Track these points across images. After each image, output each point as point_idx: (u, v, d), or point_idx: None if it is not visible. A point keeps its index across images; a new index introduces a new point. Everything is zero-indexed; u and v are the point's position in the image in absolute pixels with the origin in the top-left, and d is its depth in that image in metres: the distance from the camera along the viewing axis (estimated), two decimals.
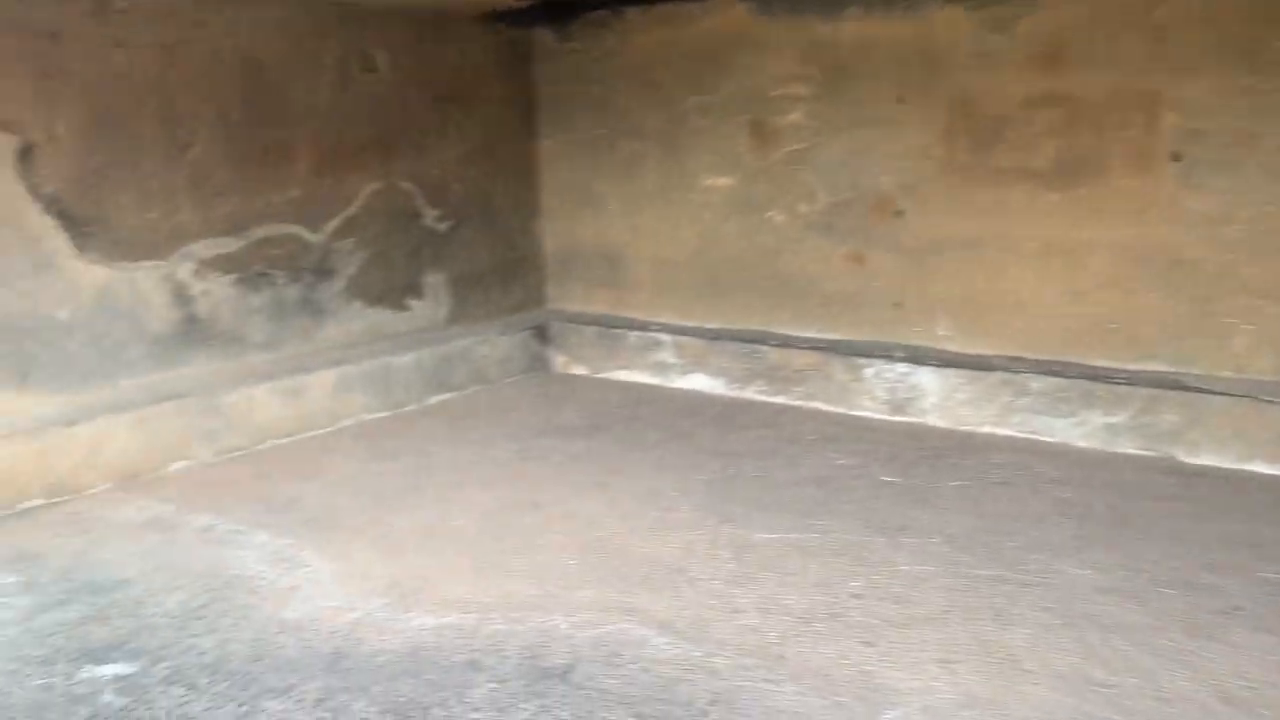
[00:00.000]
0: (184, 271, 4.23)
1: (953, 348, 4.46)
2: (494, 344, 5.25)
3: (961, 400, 4.32)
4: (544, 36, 5.54)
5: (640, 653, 2.47)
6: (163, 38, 4.06)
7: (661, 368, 5.16)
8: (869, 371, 4.54)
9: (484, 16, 5.25)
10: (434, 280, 5.25)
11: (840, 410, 4.57)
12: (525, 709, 2.23)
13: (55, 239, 3.82)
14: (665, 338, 5.14)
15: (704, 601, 2.74)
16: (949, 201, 4.41)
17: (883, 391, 4.51)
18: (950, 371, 4.34)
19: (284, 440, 4.27)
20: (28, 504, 3.50)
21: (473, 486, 3.68)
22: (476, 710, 2.23)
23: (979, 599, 2.72)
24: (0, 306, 3.69)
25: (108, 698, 2.30)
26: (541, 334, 5.49)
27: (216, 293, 4.35)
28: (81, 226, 3.89)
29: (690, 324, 5.19)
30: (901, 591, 2.79)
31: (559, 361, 5.50)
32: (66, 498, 3.59)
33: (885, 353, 4.53)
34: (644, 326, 5.26)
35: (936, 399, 4.38)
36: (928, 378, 4.39)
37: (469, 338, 5.17)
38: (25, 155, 3.71)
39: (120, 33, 3.93)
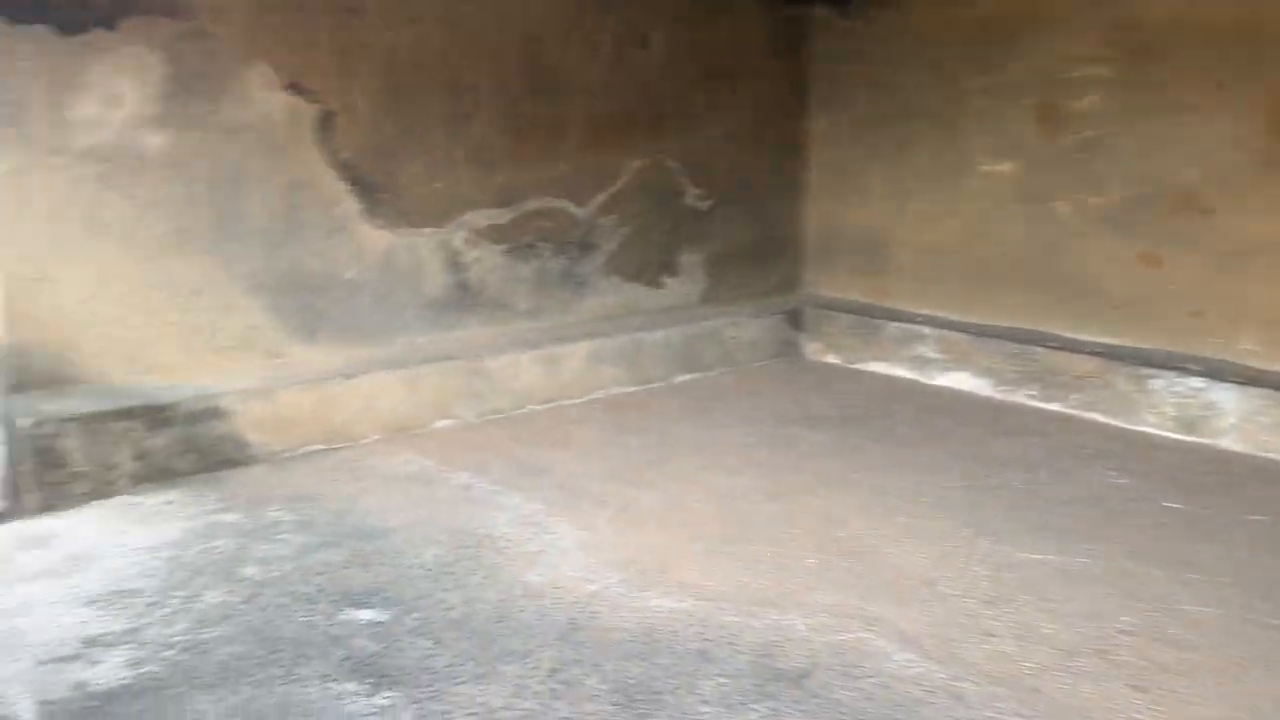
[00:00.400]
0: (459, 240, 4.43)
1: (1259, 364, 3.96)
2: (745, 326, 5.18)
3: (1266, 424, 3.82)
4: (823, 14, 5.38)
5: (880, 666, 2.33)
6: (451, 11, 4.24)
7: (921, 362, 4.91)
8: (1157, 384, 4.11)
9: None
10: (690, 259, 5.25)
11: (1120, 424, 4.17)
12: (756, 710, 2.15)
13: (348, 204, 4.10)
14: (927, 330, 4.88)
15: (953, 620, 2.55)
16: (1267, 200, 3.89)
17: (1171, 407, 4.06)
18: (1254, 391, 3.85)
19: (540, 407, 4.40)
20: (309, 448, 3.79)
21: (715, 470, 3.64)
22: (706, 703, 2.18)
23: None
24: (299, 264, 4.01)
25: (361, 641, 2.43)
26: (795, 319, 5.36)
27: (487, 261, 4.54)
28: (372, 193, 4.15)
29: (956, 317, 4.90)
30: (1181, 635, 2.48)
31: (811, 349, 5.36)
32: (342, 445, 3.86)
33: (1178, 364, 4.08)
34: (905, 317, 5.02)
35: (1235, 420, 3.90)
36: (1226, 395, 3.91)
37: (720, 318, 5.13)
38: (325, 124, 3.99)
39: (414, 8, 4.14)
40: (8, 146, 3.35)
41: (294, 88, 3.90)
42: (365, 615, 2.56)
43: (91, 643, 2.43)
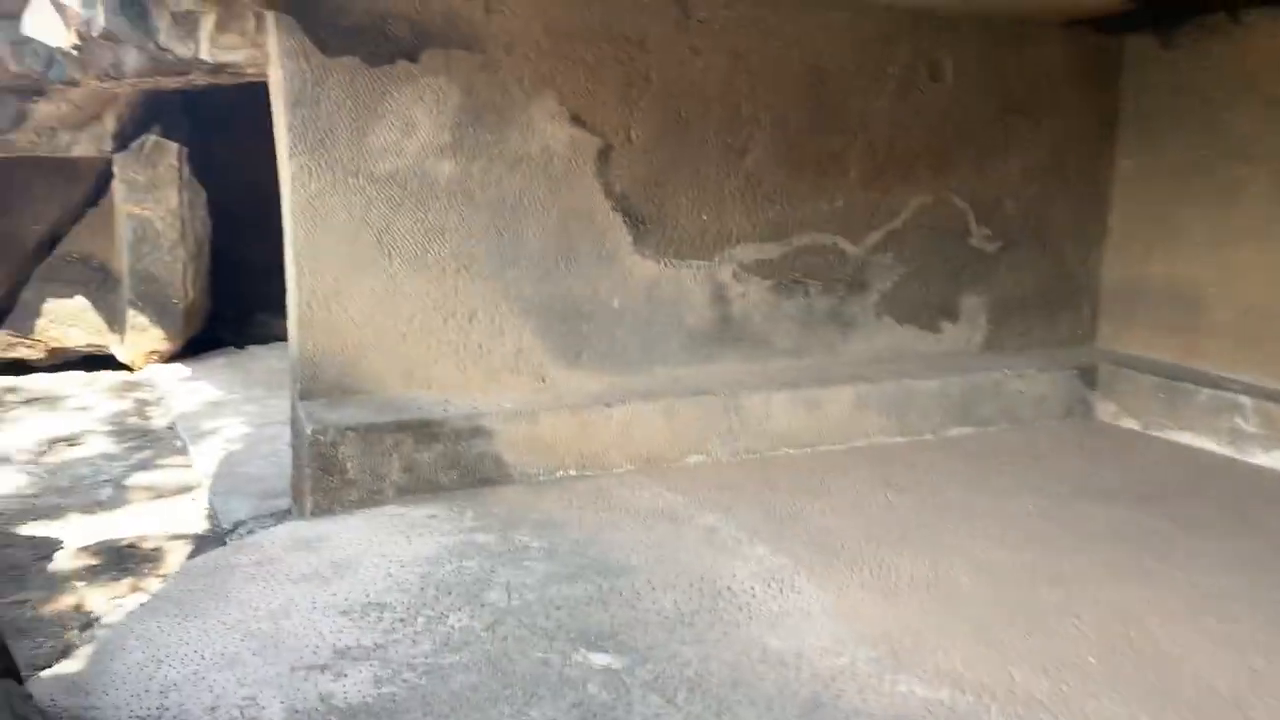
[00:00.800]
0: (725, 273, 4.35)
1: None
2: (1031, 380, 4.75)
3: None
4: (1140, 43, 4.87)
5: None
6: (735, 45, 4.17)
7: (1237, 436, 4.29)
8: None
9: (1069, 22, 4.74)
10: (972, 303, 4.90)
11: None
12: None
13: (619, 234, 4.12)
14: (1246, 400, 4.26)
15: None
16: None
17: None
18: None
19: (796, 451, 4.22)
20: (563, 473, 3.81)
21: (986, 540, 3.31)
22: None
23: None
24: (568, 291, 4.06)
25: (593, 689, 2.35)
26: (1088, 376, 4.86)
27: (752, 296, 4.42)
28: (641, 224, 4.14)
29: None
30: None
31: (1105, 410, 4.84)
32: (594, 473, 3.85)
33: None
34: (1219, 383, 4.42)
35: None
36: None
37: (1002, 370, 4.73)
38: (604, 155, 4.03)
39: (698, 40, 4.10)
40: (316, 169, 3.60)
41: (576, 120, 3.96)
42: (600, 660, 2.48)
43: (342, 654, 2.50)
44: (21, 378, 6.93)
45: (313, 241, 3.64)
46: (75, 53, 4.46)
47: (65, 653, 2.75)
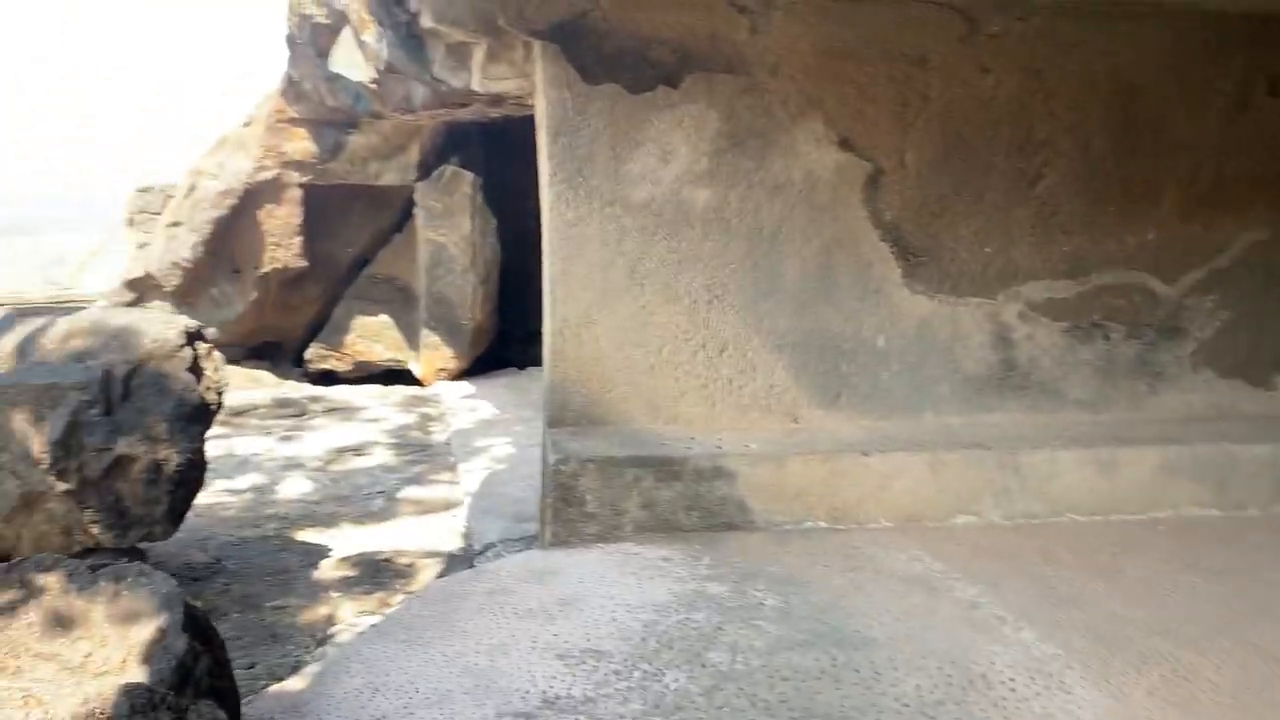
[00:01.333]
0: (1009, 312, 3.91)
1: None
2: None
3: None
4: None
5: None
6: (1031, 61, 3.75)
7: None
8: None
9: None
10: None
11: None
12: None
13: (886, 266, 3.80)
14: None
15: None
16: None
17: None
18: None
19: (1083, 518, 3.69)
20: (810, 524, 3.54)
21: None
22: None
23: None
24: (827, 326, 3.80)
25: None
26: None
27: (1041, 339, 3.95)
28: (913, 256, 3.81)
29: None
30: None
31: None
32: (846, 527, 3.55)
33: None
34: None
35: None
36: None
37: None
38: (873, 181, 3.74)
39: (987, 57, 3.72)
40: (574, 198, 3.58)
41: (845, 144, 3.70)
42: None
43: (550, 703, 2.38)
44: (328, 388, 7.56)
45: (567, 270, 3.62)
46: (374, 87, 4.76)
47: (296, 668, 2.84)
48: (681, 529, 3.47)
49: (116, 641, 1.81)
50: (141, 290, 8.10)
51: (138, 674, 1.76)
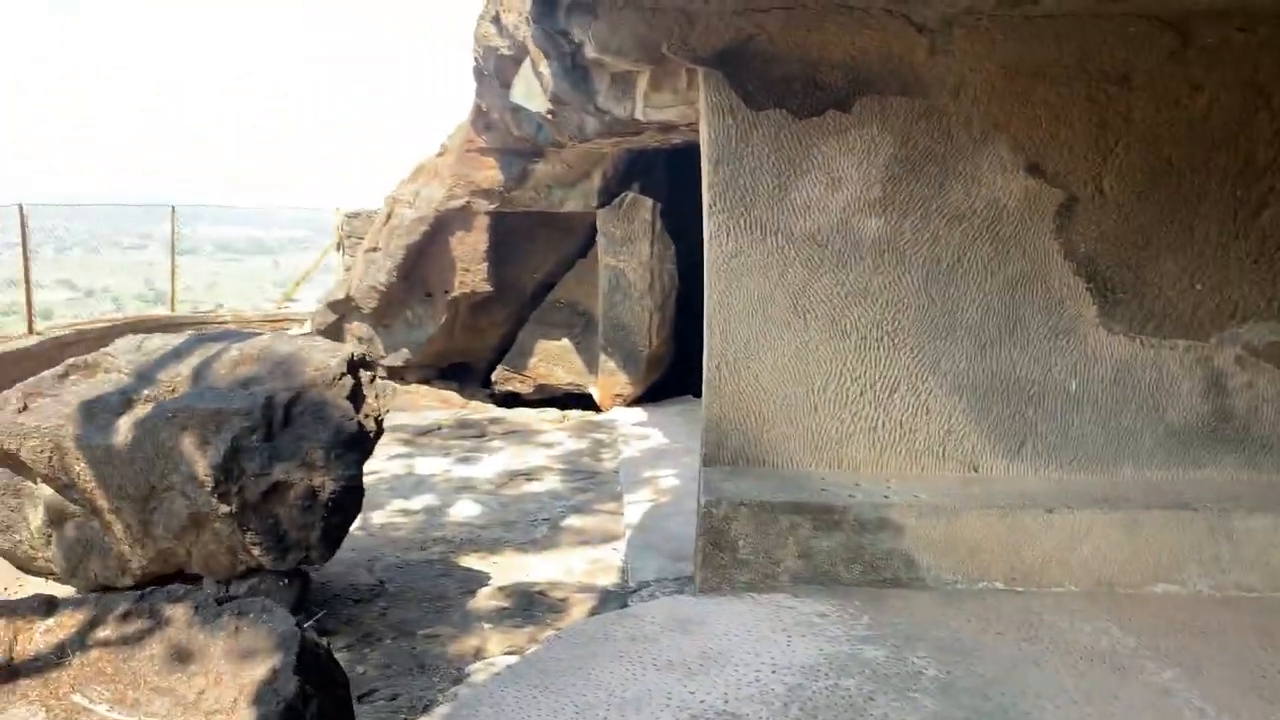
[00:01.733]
0: (1224, 357, 3.48)
1: None
2: None
3: None
4: None
5: None
6: (1253, 76, 3.33)
7: None
8: None
9: None
10: None
11: None
12: None
13: (1080, 303, 3.46)
14: None
15: None
16: None
17: None
18: None
19: None
20: (985, 584, 3.24)
21: None
22: None
23: None
24: (1011, 368, 3.50)
25: None
26: None
27: (1262, 387, 3.50)
28: (1111, 293, 3.45)
29: None
30: None
31: None
32: (1026, 590, 3.23)
33: None
34: None
35: None
36: None
37: None
38: (1066, 210, 3.41)
39: (1200, 73, 3.33)
40: (734, 228, 3.45)
41: (1034, 170, 3.40)
42: None
43: None
44: (508, 411, 7.70)
45: (726, 302, 3.49)
46: (550, 117, 4.78)
47: (428, 708, 2.81)
48: (842, 582, 3.25)
49: (230, 680, 1.80)
50: (342, 311, 8.54)
51: (246, 716, 1.75)
